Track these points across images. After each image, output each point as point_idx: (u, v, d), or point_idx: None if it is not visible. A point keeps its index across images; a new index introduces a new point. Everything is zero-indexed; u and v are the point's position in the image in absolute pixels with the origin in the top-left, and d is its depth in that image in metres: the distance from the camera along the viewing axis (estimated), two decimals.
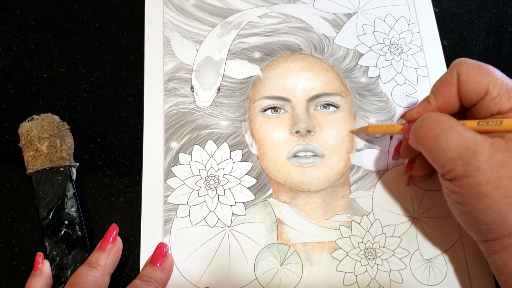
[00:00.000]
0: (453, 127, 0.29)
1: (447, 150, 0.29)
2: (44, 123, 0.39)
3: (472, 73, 0.30)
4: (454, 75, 0.31)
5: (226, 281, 0.37)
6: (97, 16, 0.46)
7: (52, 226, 0.37)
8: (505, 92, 0.30)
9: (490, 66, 0.31)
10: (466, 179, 0.29)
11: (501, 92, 0.30)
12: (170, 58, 0.43)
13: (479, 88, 0.30)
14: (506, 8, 0.46)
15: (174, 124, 0.41)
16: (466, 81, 0.31)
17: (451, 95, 0.32)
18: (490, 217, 0.29)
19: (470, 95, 0.31)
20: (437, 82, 0.33)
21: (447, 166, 0.29)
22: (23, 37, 0.45)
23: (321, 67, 0.43)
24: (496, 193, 0.28)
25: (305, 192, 0.39)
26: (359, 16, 0.45)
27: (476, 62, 0.31)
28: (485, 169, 0.28)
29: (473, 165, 0.28)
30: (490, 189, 0.28)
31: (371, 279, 0.37)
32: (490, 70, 0.31)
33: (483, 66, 0.31)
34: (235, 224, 0.38)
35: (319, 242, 0.38)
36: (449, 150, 0.29)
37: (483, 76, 0.30)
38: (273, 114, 0.41)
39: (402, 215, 0.38)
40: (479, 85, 0.30)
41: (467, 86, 0.31)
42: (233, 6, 0.45)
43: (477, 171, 0.28)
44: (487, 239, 0.30)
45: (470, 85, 0.31)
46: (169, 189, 0.39)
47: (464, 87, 0.31)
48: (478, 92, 0.30)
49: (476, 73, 0.30)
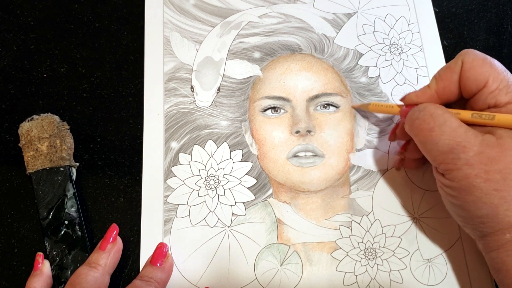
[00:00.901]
0: (446, 121, 0.30)
1: (439, 144, 0.30)
2: (44, 123, 0.39)
3: (476, 63, 0.31)
4: (458, 62, 0.32)
5: (226, 281, 0.37)
6: (97, 16, 0.46)
7: (52, 226, 0.37)
8: (504, 87, 0.30)
9: (495, 60, 0.31)
10: (456, 172, 0.30)
11: (500, 86, 0.30)
12: (170, 58, 0.43)
13: (479, 79, 0.31)
14: (506, 8, 0.46)
15: (174, 124, 0.41)
16: (468, 70, 0.31)
17: (452, 82, 0.32)
18: (482, 210, 0.29)
19: (470, 84, 0.31)
20: (441, 68, 0.33)
21: (438, 158, 0.31)
22: (23, 37, 0.45)
23: (321, 67, 0.43)
24: (486, 186, 0.28)
25: (305, 192, 0.39)
26: (359, 16, 0.45)
27: (482, 54, 0.32)
28: (474, 163, 0.29)
29: (463, 158, 0.29)
30: (480, 181, 0.29)
31: (371, 279, 0.37)
32: (494, 63, 0.31)
33: (488, 59, 0.31)
34: (235, 224, 0.38)
35: (319, 242, 0.38)
36: (440, 144, 0.30)
37: (486, 67, 0.31)
38: (273, 114, 0.41)
39: (402, 215, 0.38)
40: (480, 76, 0.31)
41: (468, 75, 0.31)
42: (233, 6, 0.45)
43: (466, 165, 0.29)
44: (482, 234, 0.31)
45: (472, 74, 0.31)
46: (169, 189, 0.39)
47: (465, 75, 0.31)
48: (478, 83, 0.31)
49: (480, 64, 0.31)
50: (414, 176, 0.39)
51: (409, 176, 0.39)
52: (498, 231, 0.29)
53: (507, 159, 0.28)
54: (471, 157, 0.29)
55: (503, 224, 0.29)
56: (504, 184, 0.28)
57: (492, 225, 0.29)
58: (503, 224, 0.29)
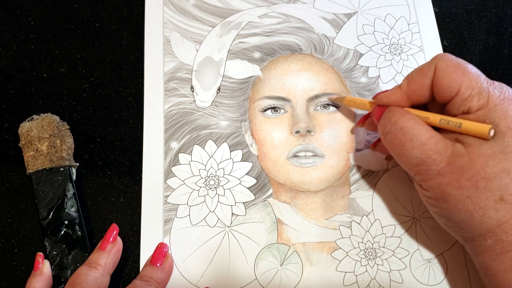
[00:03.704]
0: (417, 136, 0.31)
1: (411, 157, 0.31)
2: (44, 123, 0.39)
3: (448, 71, 0.31)
4: (431, 67, 0.32)
5: (226, 281, 0.37)
6: (97, 16, 0.46)
7: (52, 226, 0.37)
8: (476, 94, 0.30)
9: (469, 65, 0.31)
10: (430, 181, 0.30)
11: (472, 93, 0.30)
12: (170, 58, 0.43)
13: (452, 86, 0.30)
14: (506, 8, 0.46)
15: (174, 124, 0.41)
16: (441, 77, 0.31)
17: (423, 86, 0.32)
18: (458, 216, 0.30)
19: (443, 91, 0.31)
20: (414, 70, 0.33)
21: (412, 170, 0.32)
22: (23, 37, 0.45)
23: (321, 67, 0.43)
24: (459, 193, 0.29)
25: (305, 192, 0.39)
26: (359, 16, 0.45)
27: (456, 60, 0.31)
28: (445, 173, 0.29)
29: (434, 170, 0.30)
30: (452, 190, 0.29)
31: (371, 279, 0.37)
32: (467, 69, 0.31)
33: (462, 64, 0.31)
34: (235, 224, 0.38)
35: (319, 242, 0.38)
36: (412, 158, 0.31)
37: (458, 75, 0.30)
38: (273, 114, 0.41)
39: (402, 215, 0.38)
40: (453, 83, 0.30)
41: (441, 82, 0.31)
42: (233, 6, 0.45)
43: (438, 175, 0.30)
44: (464, 239, 0.31)
45: (445, 81, 0.31)
46: (169, 189, 0.39)
47: (438, 82, 0.31)
48: (451, 90, 0.31)
49: (452, 71, 0.30)
50: None
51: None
52: (479, 236, 0.29)
53: (476, 166, 0.28)
54: (441, 168, 0.29)
55: (482, 230, 0.29)
56: (476, 191, 0.28)
57: (471, 231, 0.30)
58: (481, 229, 0.29)
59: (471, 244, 0.31)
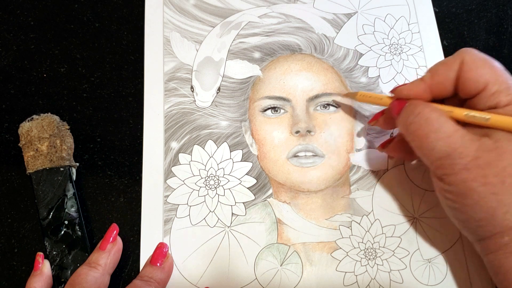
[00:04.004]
0: (442, 127, 0.30)
1: (435, 150, 0.30)
2: (44, 123, 0.39)
3: (476, 65, 0.30)
4: (457, 61, 0.31)
5: (226, 281, 0.37)
6: (97, 16, 0.46)
7: (52, 226, 0.37)
8: (504, 89, 0.30)
9: (495, 61, 0.31)
10: (453, 176, 0.29)
11: (500, 88, 0.30)
12: (170, 58, 0.43)
13: (479, 81, 0.30)
14: (506, 8, 0.46)
15: (174, 124, 0.41)
16: (468, 71, 0.30)
17: (447, 79, 0.31)
18: (479, 213, 0.29)
19: (469, 86, 0.30)
20: (437, 63, 0.32)
21: (435, 163, 0.30)
22: (23, 37, 0.45)
23: (321, 67, 0.43)
24: (484, 190, 0.28)
25: (305, 192, 0.39)
26: (359, 16, 0.45)
27: (483, 55, 0.31)
28: (472, 167, 0.28)
29: (460, 163, 0.29)
30: (477, 185, 0.28)
31: (371, 279, 0.37)
32: (494, 64, 0.30)
33: (489, 60, 0.31)
34: (235, 224, 0.38)
35: (319, 242, 0.38)
36: (436, 150, 0.30)
37: (486, 69, 0.30)
38: (273, 114, 0.41)
39: (402, 215, 0.38)
40: (480, 78, 0.30)
41: (468, 76, 0.30)
42: (233, 6, 0.45)
43: (464, 169, 0.29)
44: (480, 237, 0.30)
45: (472, 76, 0.30)
46: (169, 189, 0.39)
47: (464, 76, 0.31)
48: (478, 85, 0.30)
49: (480, 65, 0.30)
50: (414, 176, 0.39)
51: (409, 176, 0.39)
52: (496, 234, 0.29)
53: (504, 162, 0.28)
54: (468, 162, 0.28)
55: (502, 227, 0.28)
56: (502, 188, 0.28)
57: (490, 229, 0.29)
58: (501, 227, 0.28)
59: (485, 242, 0.30)
